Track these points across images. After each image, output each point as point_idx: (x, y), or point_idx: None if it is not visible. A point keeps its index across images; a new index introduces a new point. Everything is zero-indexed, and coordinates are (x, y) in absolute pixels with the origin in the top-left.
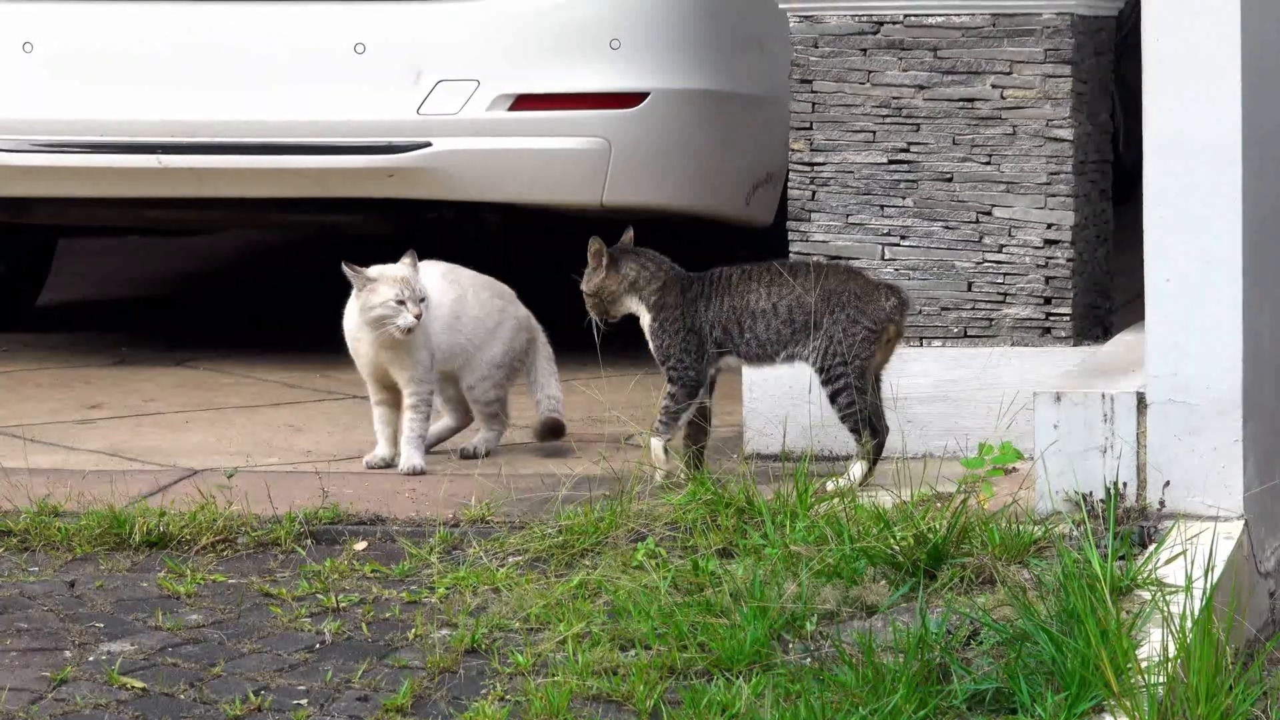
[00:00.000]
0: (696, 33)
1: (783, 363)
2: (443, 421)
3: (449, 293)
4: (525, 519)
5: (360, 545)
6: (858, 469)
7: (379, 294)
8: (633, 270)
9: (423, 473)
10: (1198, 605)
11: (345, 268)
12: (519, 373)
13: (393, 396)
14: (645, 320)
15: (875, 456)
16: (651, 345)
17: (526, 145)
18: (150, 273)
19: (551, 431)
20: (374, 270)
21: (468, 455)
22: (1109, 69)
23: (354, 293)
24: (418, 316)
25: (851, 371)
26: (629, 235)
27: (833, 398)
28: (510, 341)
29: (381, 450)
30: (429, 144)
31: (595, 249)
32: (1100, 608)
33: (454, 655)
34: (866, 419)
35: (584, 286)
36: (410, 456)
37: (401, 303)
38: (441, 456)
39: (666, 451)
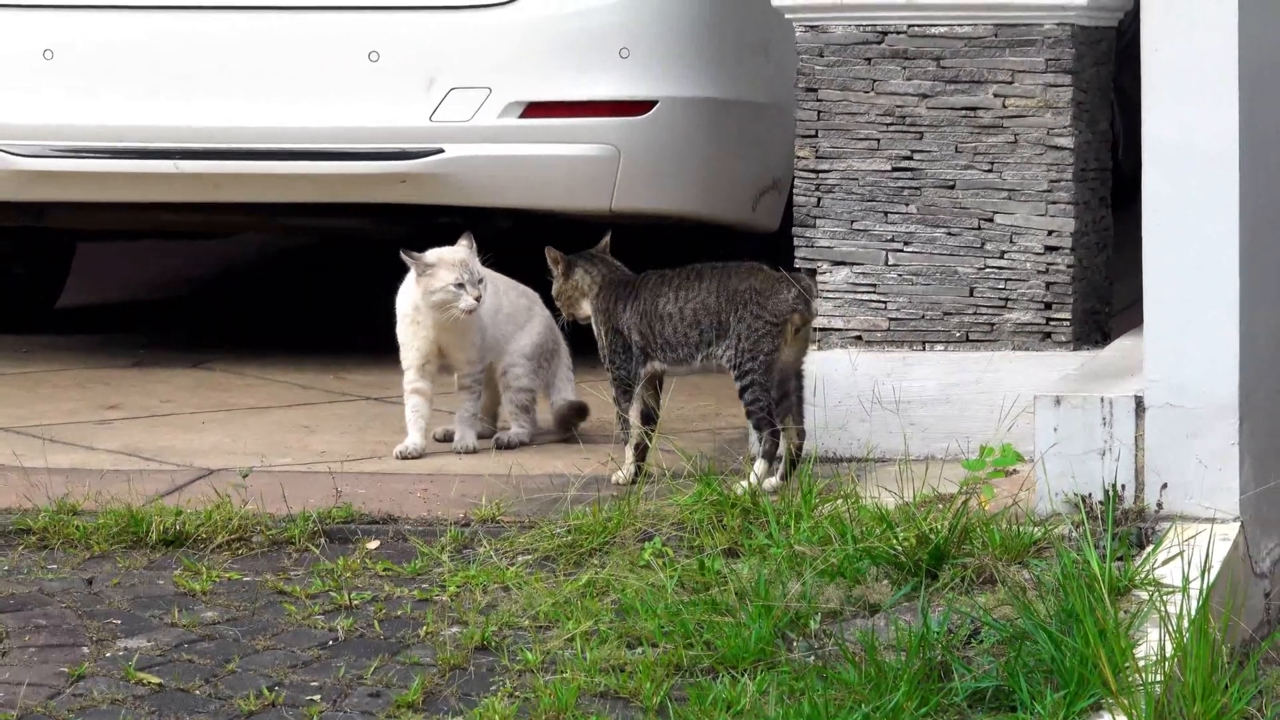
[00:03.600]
0: (704, 42)
1: (702, 366)
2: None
3: (488, 288)
4: (535, 519)
5: (373, 544)
6: (760, 467)
7: (439, 279)
8: (580, 276)
9: (475, 451)
10: (1194, 605)
11: (404, 254)
12: (545, 372)
13: (430, 387)
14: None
15: (773, 453)
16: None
17: (537, 152)
18: (167, 276)
19: (577, 413)
20: (432, 255)
21: (503, 445)
22: (1109, 78)
23: (413, 277)
24: (478, 298)
25: (759, 368)
26: (605, 241)
27: (741, 394)
28: (539, 336)
29: (414, 440)
30: (441, 150)
31: (553, 258)
32: (1099, 607)
33: (464, 652)
34: (770, 416)
35: (552, 292)
36: (465, 436)
37: (461, 286)
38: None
39: (639, 453)
